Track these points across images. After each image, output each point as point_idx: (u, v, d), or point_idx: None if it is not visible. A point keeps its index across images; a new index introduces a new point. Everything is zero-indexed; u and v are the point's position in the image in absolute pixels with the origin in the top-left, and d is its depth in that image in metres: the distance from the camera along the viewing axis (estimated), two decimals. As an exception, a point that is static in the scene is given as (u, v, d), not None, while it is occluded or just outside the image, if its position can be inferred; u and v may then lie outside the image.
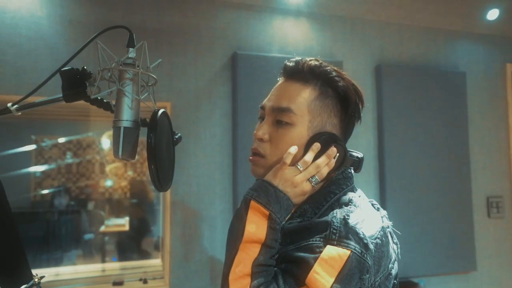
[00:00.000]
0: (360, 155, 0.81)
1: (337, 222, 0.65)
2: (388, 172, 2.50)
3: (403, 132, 2.56)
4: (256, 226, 0.66)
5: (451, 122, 2.68)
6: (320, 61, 0.79)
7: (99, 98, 0.90)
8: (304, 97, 0.76)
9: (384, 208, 0.84)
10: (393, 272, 0.69)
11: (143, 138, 0.84)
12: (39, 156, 4.70)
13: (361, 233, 0.64)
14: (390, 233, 0.72)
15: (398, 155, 2.53)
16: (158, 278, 2.30)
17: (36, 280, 0.79)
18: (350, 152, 0.80)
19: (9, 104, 0.92)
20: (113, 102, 0.90)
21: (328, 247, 0.62)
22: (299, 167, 0.72)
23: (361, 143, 2.52)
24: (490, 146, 2.84)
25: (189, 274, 2.17)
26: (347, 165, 0.78)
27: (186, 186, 2.18)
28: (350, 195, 0.75)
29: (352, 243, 0.62)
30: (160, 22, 2.20)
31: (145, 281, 2.26)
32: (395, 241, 0.75)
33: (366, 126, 2.55)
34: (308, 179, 0.72)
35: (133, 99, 0.88)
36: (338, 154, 0.75)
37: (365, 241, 0.64)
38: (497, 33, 2.90)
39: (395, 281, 0.71)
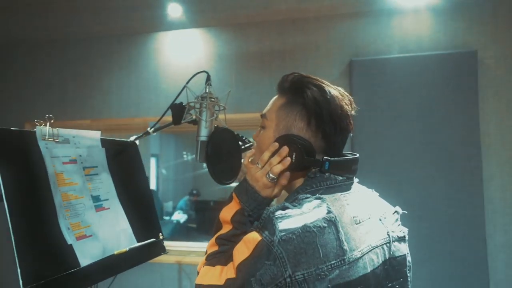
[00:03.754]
0: (325, 157, 0.80)
1: (266, 214, 0.72)
2: None
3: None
4: (229, 210, 0.85)
5: None
6: (303, 75, 0.85)
7: (191, 119, 1.33)
8: (275, 104, 0.86)
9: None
10: (331, 276, 0.67)
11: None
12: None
13: (276, 225, 0.68)
14: (340, 239, 0.70)
15: None
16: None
17: (161, 236, 1.28)
18: (307, 147, 0.81)
19: (148, 129, 1.46)
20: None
21: (251, 231, 0.72)
22: (258, 165, 0.83)
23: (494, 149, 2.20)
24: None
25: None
26: (305, 164, 0.80)
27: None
28: (307, 195, 0.77)
29: (266, 232, 0.69)
30: (285, 44, 2.58)
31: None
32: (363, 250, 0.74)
33: (499, 127, 2.20)
34: (266, 175, 0.81)
35: (207, 121, 1.27)
36: (294, 153, 0.80)
37: (276, 232, 0.67)
38: None
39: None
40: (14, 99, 3.04)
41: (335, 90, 0.85)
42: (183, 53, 2.76)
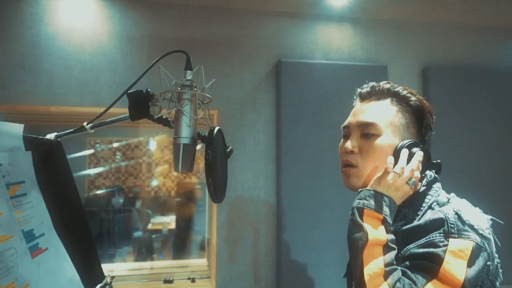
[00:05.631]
0: (438, 160, 0.89)
1: (452, 218, 0.72)
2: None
3: (450, 137, 2.48)
4: (376, 231, 0.74)
5: (508, 125, 2.55)
6: (391, 83, 0.92)
7: (162, 117, 0.99)
8: (385, 112, 0.88)
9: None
10: (500, 271, 0.76)
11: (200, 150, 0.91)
12: (92, 157, 5.05)
13: (475, 225, 0.72)
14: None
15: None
16: (205, 277, 2.41)
17: (108, 280, 0.90)
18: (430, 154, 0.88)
19: (84, 123, 1.04)
20: (171, 118, 0.99)
21: (452, 240, 0.70)
22: (397, 172, 0.80)
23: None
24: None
25: (234, 275, 2.25)
26: (431, 167, 0.87)
27: (232, 190, 2.27)
28: (444, 195, 0.83)
29: (472, 234, 0.70)
30: (208, 34, 2.30)
31: (193, 280, 2.38)
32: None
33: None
34: (407, 182, 0.80)
35: (191, 117, 0.96)
36: (423, 158, 0.84)
37: (481, 231, 0.71)
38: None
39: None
40: None
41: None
42: (74, 26, 2.17)
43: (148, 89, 1.05)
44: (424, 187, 0.85)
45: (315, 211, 2.28)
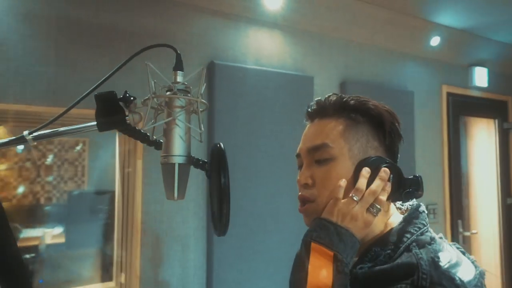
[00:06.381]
0: (416, 174, 0.74)
1: (426, 265, 0.58)
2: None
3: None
4: (321, 271, 0.59)
5: (404, 137, 2.91)
6: (340, 95, 0.79)
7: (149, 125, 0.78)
8: (335, 129, 0.73)
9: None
10: None
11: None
12: None
13: (457, 278, 0.57)
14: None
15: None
16: (120, 305, 2.08)
17: None
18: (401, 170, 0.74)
19: (25, 132, 0.75)
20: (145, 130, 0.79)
21: None
22: (354, 198, 0.66)
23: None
24: (429, 158, 3.15)
25: (159, 298, 2.00)
26: (405, 186, 0.71)
27: (158, 204, 2.01)
28: (428, 234, 0.68)
29: None
30: (133, 24, 1.99)
31: (106, 310, 2.02)
32: None
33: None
34: (368, 209, 0.66)
35: (186, 130, 0.79)
36: (391, 176, 0.70)
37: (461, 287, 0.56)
38: (437, 57, 3.23)
39: None
40: None
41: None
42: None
43: (127, 91, 0.82)
44: (403, 222, 0.70)
45: (247, 222, 2.19)
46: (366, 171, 0.68)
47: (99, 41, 1.88)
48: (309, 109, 0.81)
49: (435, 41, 3.08)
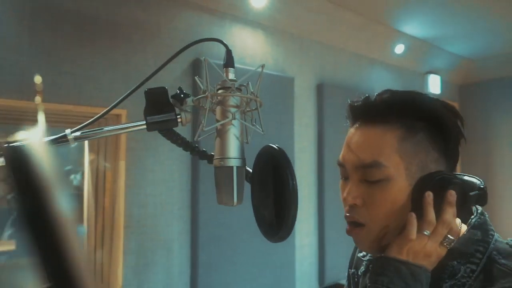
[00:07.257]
0: (478, 182, 0.64)
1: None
2: (327, 185, 2.68)
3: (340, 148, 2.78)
4: None
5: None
6: (393, 91, 0.64)
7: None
8: (390, 143, 0.60)
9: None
10: None
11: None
12: None
13: None
14: None
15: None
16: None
17: None
18: (467, 182, 0.64)
19: (67, 131, 0.65)
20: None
21: None
22: (425, 233, 0.58)
23: (304, 157, 2.63)
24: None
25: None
26: (471, 203, 0.63)
27: (142, 207, 1.89)
28: (501, 239, 0.62)
29: None
30: (117, 14, 1.85)
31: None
32: None
33: (309, 142, 2.67)
34: (441, 243, 0.59)
35: (241, 130, 0.74)
36: (456, 197, 0.60)
37: None
38: (400, 64, 3.43)
39: None
40: None
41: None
42: None
43: (181, 87, 0.75)
44: (473, 229, 0.62)
45: (231, 226, 2.14)
46: (431, 198, 0.59)
47: (79, 32, 1.72)
48: (354, 104, 0.67)
49: (399, 48, 3.27)
